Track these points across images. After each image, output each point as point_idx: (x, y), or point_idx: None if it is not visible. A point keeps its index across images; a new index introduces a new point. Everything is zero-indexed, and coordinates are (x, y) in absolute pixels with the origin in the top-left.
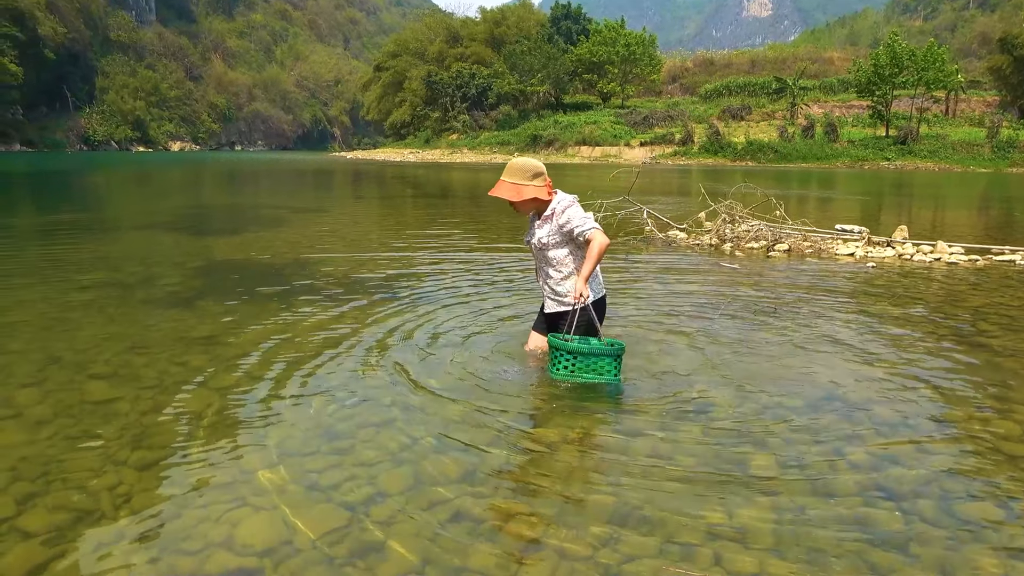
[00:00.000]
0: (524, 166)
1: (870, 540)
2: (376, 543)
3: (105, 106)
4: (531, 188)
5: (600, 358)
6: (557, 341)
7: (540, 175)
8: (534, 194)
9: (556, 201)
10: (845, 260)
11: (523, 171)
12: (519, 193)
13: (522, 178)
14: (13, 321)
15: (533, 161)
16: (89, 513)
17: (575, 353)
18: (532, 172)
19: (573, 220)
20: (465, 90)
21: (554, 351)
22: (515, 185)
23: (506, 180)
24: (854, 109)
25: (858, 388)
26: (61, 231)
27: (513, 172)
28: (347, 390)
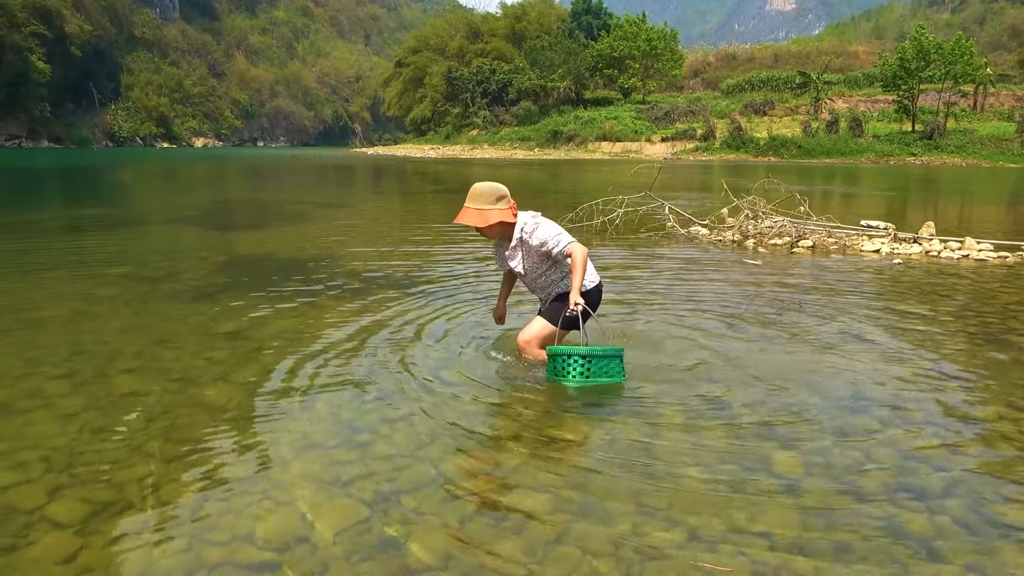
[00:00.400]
0: (487, 190)
1: (898, 540)
2: (398, 537)
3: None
4: (495, 212)
5: (611, 360)
6: (565, 348)
7: (503, 198)
8: (499, 218)
9: (521, 225)
10: (871, 257)
11: (486, 196)
12: (484, 219)
13: (486, 203)
14: (43, 315)
15: (495, 184)
16: (117, 504)
17: (591, 357)
18: (496, 195)
19: (548, 241)
20: (485, 86)
21: (562, 358)
22: (480, 211)
23: (470, 206)
24: (879, 104)
25: (885, 386)
26: (88, 226)
27: (476, 197)
28: (368, 385)
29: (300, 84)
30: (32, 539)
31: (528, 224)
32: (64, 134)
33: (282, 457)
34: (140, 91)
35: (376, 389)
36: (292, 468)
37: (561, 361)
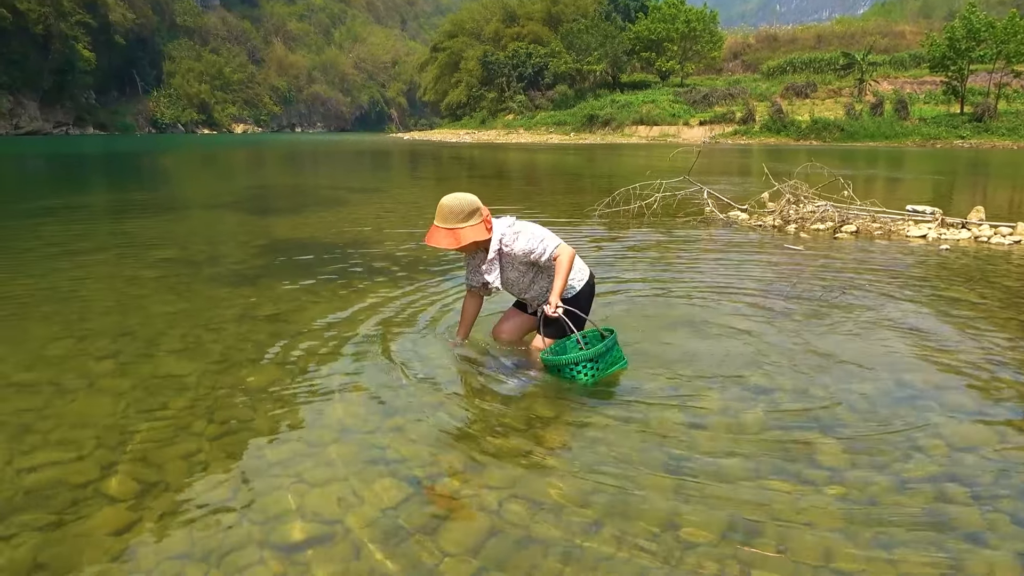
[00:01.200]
0: (456, 206)
1: (944, 529)
2: (435, 519)
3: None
4: (469, 231)
5: (614, 350)
6: (565, 358)
7: (475, 211)
8: (473, 237)
9: (498, 236)
10: (917, 242)
11: (456, 213)
12: (457, 239)
13: (456, 221)
14: (90, 296)
15: (465, 197)
16: (163, 481)
17: (596, 358)
18: (466, 211)
19: (534, 249)
20: (521, 70)
21: (568, 367)
22: (451, 231)
23: (440, 226)
24: (926, 85)
25: (931, 374)
26: (132, 210)
27: (446, 216)
28: (407, 368)
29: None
30: (85, 513)
31: (507, 235)
32: (109, 121)
33: (321, 439)
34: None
35: (415, 372)
36: (331, 450)
37: (568, 371)
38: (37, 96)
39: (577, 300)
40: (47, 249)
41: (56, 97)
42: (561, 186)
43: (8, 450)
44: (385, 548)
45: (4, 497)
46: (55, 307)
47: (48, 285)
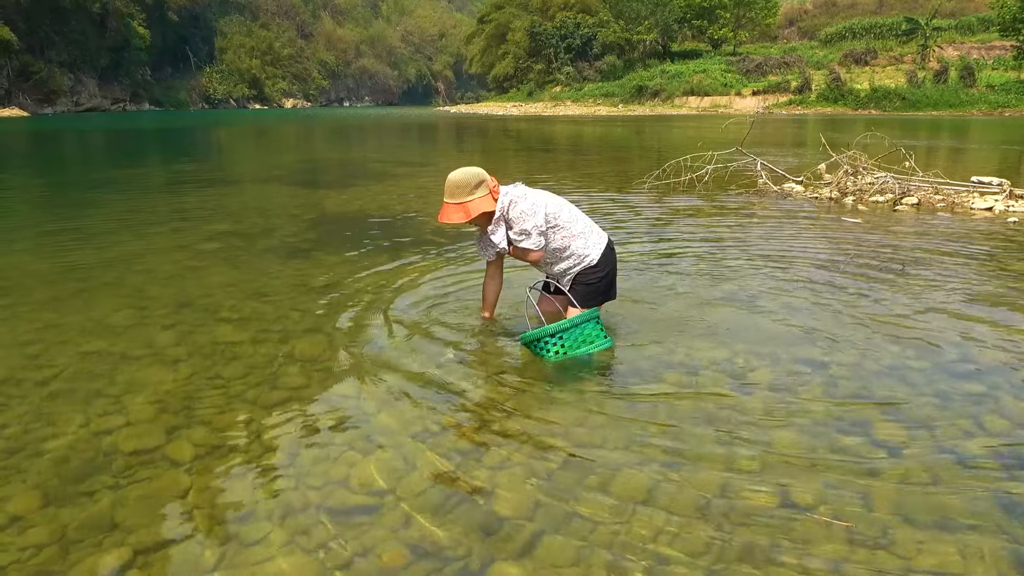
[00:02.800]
0: (462, 180)
1: (1009, 512)
2: (485, 489)
3: (224, 65)
4: (477, 202)
5: (584, 326)
6: (534, 333)
7: (481, 183)
8: (483, 208)
9: (503, 199)
10: (982, 215)
11: (463, 186)
12: (467, 212)
13: (465, 194)
14: (151, 267)
15: (470, 170)
16: (222, 447)
17: (559, 332)
18: (472, 183)
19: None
20: (569, 41)
21: (534, 344)
22: (460, 205)
23: (449, 202)
24: (995, 50)
25: (995, 351)
26: (188, 183)
27: (453, 191)
28: (458, 339)
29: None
30: (151, 475)
31: (508, 198)
32: (163, 97)
33: (373, 408)
34: (233, 54)
35: (465, 344)
36: (382, 419)
37: (535, 348)
38: (95, 74)
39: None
40: (109, 222)
41: (113, 74)
42: (609, 158)
43: (84, 414)
44: (435, 516)
45: (85, 457)
46: (117, 277)
47: (110, 256)
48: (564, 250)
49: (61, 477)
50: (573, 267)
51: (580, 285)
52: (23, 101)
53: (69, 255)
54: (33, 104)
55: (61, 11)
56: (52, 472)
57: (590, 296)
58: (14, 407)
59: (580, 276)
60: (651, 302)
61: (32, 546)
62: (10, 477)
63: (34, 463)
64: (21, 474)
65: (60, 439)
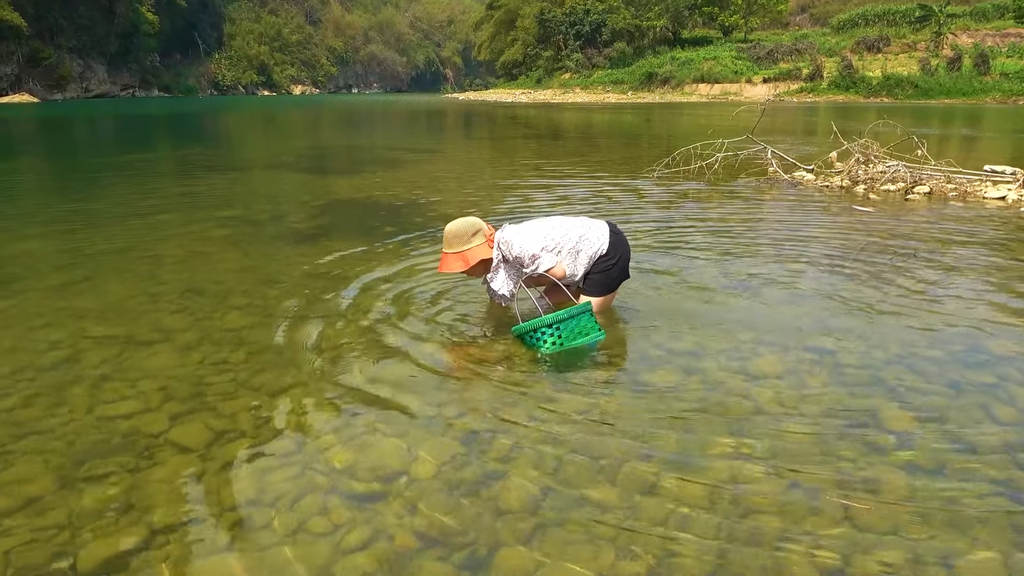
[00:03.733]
0: (459, 230)
1: (1016, 500)
2: (493, 475)
3: (232, 52)
4: (475, 250)
5: (580, 317)
6: (528, 324)
7: (478, 232)
8: (480, 255)
9: (497, 243)
10: (995, 204)
11: (460, 236)
12: (466, 261)
13: (462, 243)
14: (160, 253)
15: (467, 220)
16: (232, 432)
17: (556, 323)
18: (470, 232)
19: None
20: (578, 27)
21: (529, 335)
22: (458, 254)
23: (448, 252)
24: (1010, 38)
25: (1007, 341)
26: (197, 169)
27: (451, 241)
28: (467, 327)
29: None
30: (160, 460)
31: (503, 239)
32: (172, 83)
33: (380, 395)
34: (242, 40)
35: (474, 331)
36: (391, 404)
37: (529, 339)
38: (104, 60)
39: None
40: (119, 209)
41: (122, 60)
42: (618, 146)
43: (91, 398)
44: (443, 503)
45: (89, 442)
46: (128, 263)
47: (121, 243)
48: (574, 259)
49: (73, 460)
50: (589, 263)
51: (595, 275)
52: (33, 87)
53: (79, 240)
54: (43, 90)
55: None
56: (65, 456)
57: (607, 283)
58: (26, 390)
59: (593, 267)
60: (660, 290)
61: (46, 527)
62: (24, 459)
63: (47, 446)
64: (35, 456)
65: (72, 423)
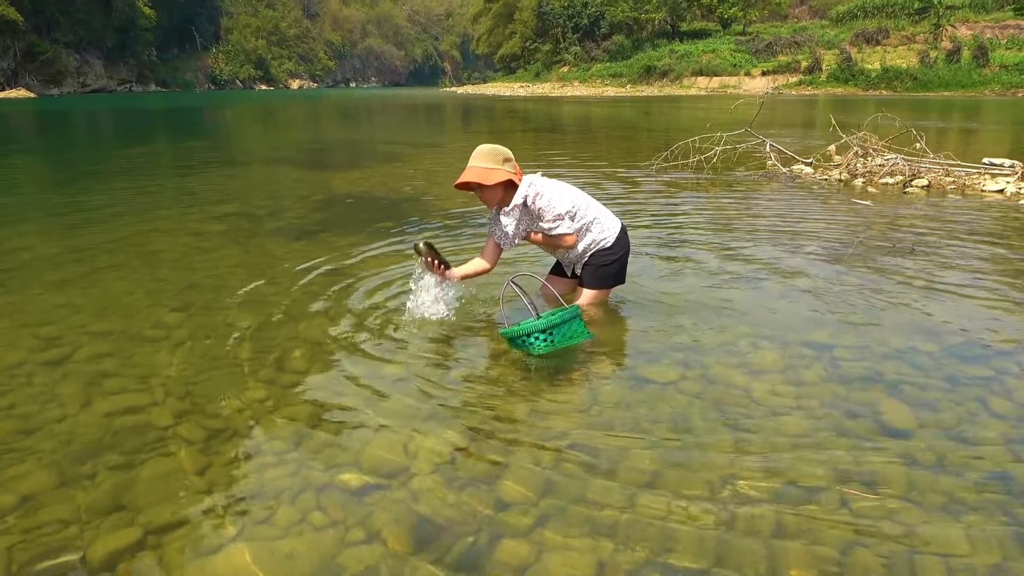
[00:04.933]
0: (492, 150)
1: (1014, 494)
2: (492, 471)
3: (230, 46)
4: (500, 172)
5: (572, 322)
6: (522, 327)
7: (509, 160)
8: (502, 179)
9: (526, 186)
10: (993, 197)
11: (493, 155)
12: (488, 177)
13: (491, 162)
14: (159, 249)
15: (500, 147)
16: (231, 428)
17: (550, 329)
18: (502, 156)
19: (544, 217)
20: (577, 20)
21: (521, 339)
22: (484, 170)
23: (473, 165)
24: (1009, 30)
25: (1003, 334)
26: (195, 164)
27: (482, 156)
28: (465, 323)
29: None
30: (157, 457)
31: (534, 187)
32: (170, 78)
33: (380, 390)
34: (239, 34)
35: (472, 328)
36: (390, 400)
37: (521, 343)
38: (101, 54)
39: (609, 253)
40: (116, 204)
41: (119, 55)
42: (617, 139)
43: (87, 394)
44: (443, 496)
45: (88, 438)
46: (125, 259)
47: (118, 238)
48: (582, 235)
49: (71, 457)
50: (589, 250)
51: (592, 266)
52: (29, 82)
53: (77, 236)
54: (39, 85)
55: None
56: (62, 452)
57: (603, 277)
58: (25, 388)
59: (593, 258)
60: (658, 284)
61: (43, 525)
62: (21, 457)
63: (45, 443)
64: (32, 454)
65: (70, 420)
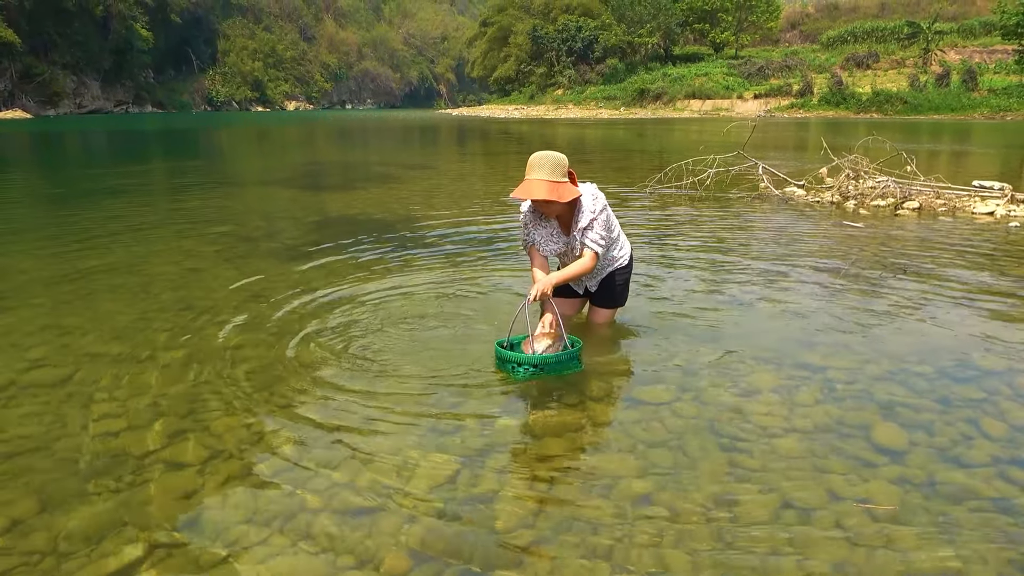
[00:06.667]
0: (560, 160)
1: (1007, 514)
2: (488, 493)
3: (226, 68)
4: (570, 187)
5: (566, 363)
6: (512, 355)
7: (567, 170)
8: (572, 195)
9: (595, 203)
10: (984, 219)
11: (560, 165)
12: (560, 194)
13: (561, 174)
14: (154, 270)
15: (559, 154)
16: (228, 449)
17: (542, 365)
18: (565, 167)
19: (593, 227)
20: (571, 43)
21: (511, 365)
22: (554, 184)
23: (542, 179)
24: (997, 54)
25: (995, 355)
26: (191, 186)
27: (551, 168)
28: (458, 346)
29: (387, 46)
30: (154, 478)
31: (598, 198)
32: (166, 99)
33: (376, 412)
34: (236, 56)
35: (467, 348)
36: (385, 423)
37: (510, 368)
38: (98, 76)
39: (621, 273)
40: (111, 224)
41: (116, 76)
42: (611, 161)
43: (84, 416)
44: (437, 521)
45: (84, 460)
46: (121, 281)
47: (114, 259)
48: (607, 251)
49: (64, 480)
50: (609, 265)
51: (617, 284)
52: (26, 103)
53: (71, 257)
54: (36, 106)
55: (64, 13)
56: (55, 475)
57: (623, 295)
58: (17, 409)
59: (617, 275)
60: (652, 305)
61: (33, 551)
62: (13, 480)
63: (37, 466)
64: (23, 477)
65: (63, 441)
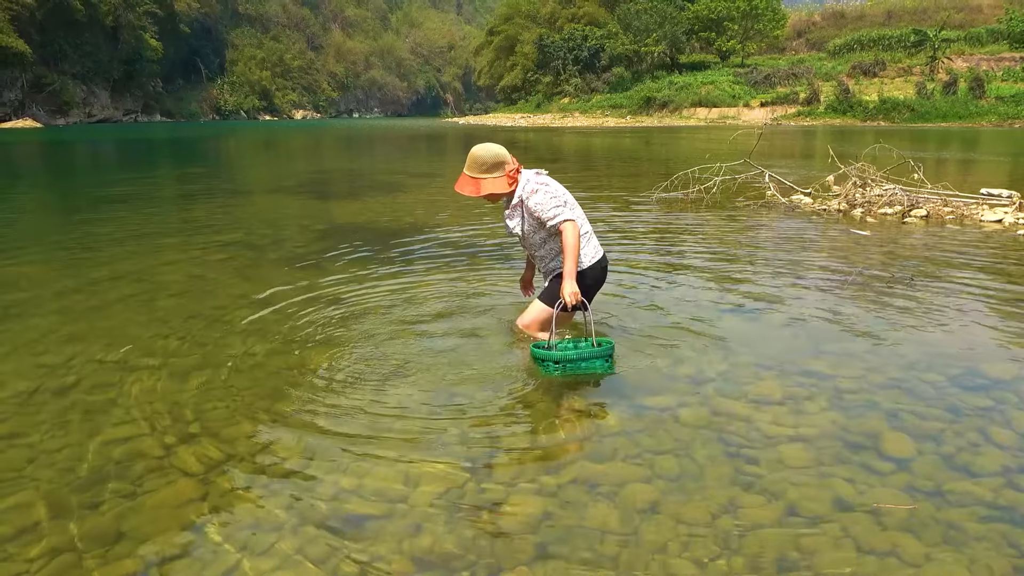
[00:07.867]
0: (480, 157)
1: (1016, 523)
2: (494, 500)
3: (235, 77)
4: (488, 183)
5: (592, 361)
6: (541, 352)
7: (501, 164)
8: (491, 189)
9: (523, 184)
10: (992, 227)
11: (480, 163)
12: (476, 189)
13: (478, 171)
14: (161, 278)
15: (492, 148)
16: (232, 457)
17: (563, 362)
18: (490, 163)
19: (544, 211)
20: (577, 52)
21: (541, 360)
22: (473, 180)
23: (466, 173)
24: (1004, 62)
25: (1003, 364)
26: (199, 194)
27: (471, 164)
28: (466, 354)
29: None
30: (159, 486)
31: (529, 184)
32: (175, 108)
33: (382, 420)
34: (244, 66)
35: (474, 356)
36: (391, 430)
37: (540, 363)
38: (108, 85)
39: (583, 277)
40: (120, 233)
41: (125, 86)
42: (617, 169)
43: (93, 424)
44: (443, 527)
45: (91, 467)
46: (128, 288)
47: (121, 267)
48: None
49: (72, 487)
50: (554, 261)
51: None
52: (36, 113)
53: (80, 266)
54: (46, 115)
55: (75, 24)
56: (64, 482)
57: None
58: (26, 416)
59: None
60: (659, 313)
61: (42, 556)
62: (23, 486)
63: (46, 472)
64: (33, 483)
65: (72, 449)
